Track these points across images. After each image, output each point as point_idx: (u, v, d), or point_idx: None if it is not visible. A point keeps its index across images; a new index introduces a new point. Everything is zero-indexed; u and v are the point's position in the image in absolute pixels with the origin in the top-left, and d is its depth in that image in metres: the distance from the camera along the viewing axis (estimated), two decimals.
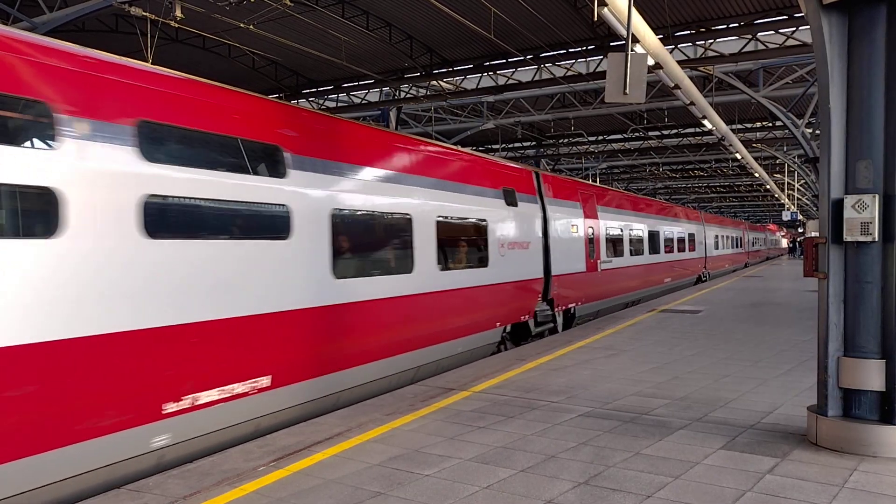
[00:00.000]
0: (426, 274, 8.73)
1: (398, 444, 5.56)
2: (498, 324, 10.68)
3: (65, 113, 4.67)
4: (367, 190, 7.79)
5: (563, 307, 13.33)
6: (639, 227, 19.39)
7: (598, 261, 15.45)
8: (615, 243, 17.02)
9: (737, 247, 41.80)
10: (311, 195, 6.91)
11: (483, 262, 10.22)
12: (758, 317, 13.98)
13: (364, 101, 24.83)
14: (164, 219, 5.30)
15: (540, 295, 12.22)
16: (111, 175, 4.91)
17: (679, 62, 17.26)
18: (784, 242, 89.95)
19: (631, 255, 18.32)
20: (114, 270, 4.90)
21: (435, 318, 8.95)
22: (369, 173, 7.91)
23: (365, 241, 7.83)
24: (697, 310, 15.40)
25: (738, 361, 9.00)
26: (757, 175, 36.18)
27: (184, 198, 5.49)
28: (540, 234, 12.24)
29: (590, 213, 15.19)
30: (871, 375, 5.12)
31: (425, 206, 8.80)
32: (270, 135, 6.56)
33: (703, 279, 29.48)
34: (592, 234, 15.26)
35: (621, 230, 17.67)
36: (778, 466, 4.88)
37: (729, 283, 24.80)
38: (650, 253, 20.51)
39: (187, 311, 5.41)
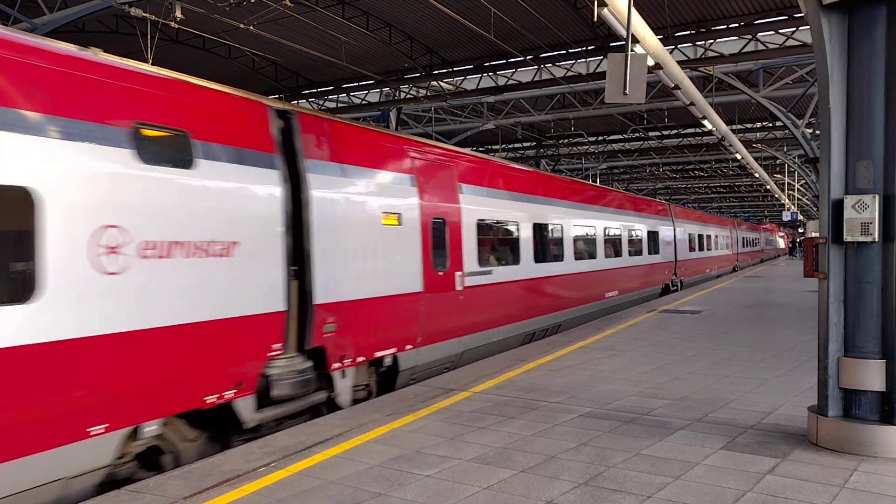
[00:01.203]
0: None
1: (398, 444, 5.56)
2: (95, 430, 4.98)
3: None
4: None
5: (360, 359, 7.74)
6: (556, 221, 13.53)
7: (458, 273, 9.79)
8: (502, 245, 11.34)
9: (723, 248, 35.52)
10: None
11: (17, 293, 4.53)
12: (758, 317, 13.98)
13: (364, 102, 24.85)
14: None
15: (279, 344, 6.59)
16: None
17: (679, 62, 17.27)
18: (781, 243, 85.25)
19: (536, 261, 12.47)
20: None
21: None
22: None
23: None
24: (698, 310, 15.40)
25: (739, 362, 8.99)
26: (757, 175, 36.19)
27: None
28: (279, 225, 6.59)
29: (437, 194, 9.45)
30: (871, 376, 5.11)
31: None
32: None
33: (673, 288, 23.60)
34: (442, 228, 9.52)
35: (517, 224, 11.86)
36: (778, 467, 4.88)
37: (729, 284, 24.79)
38: (579, 257, 14.61)
39: None
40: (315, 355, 7.14)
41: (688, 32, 16.71)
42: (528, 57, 18.66)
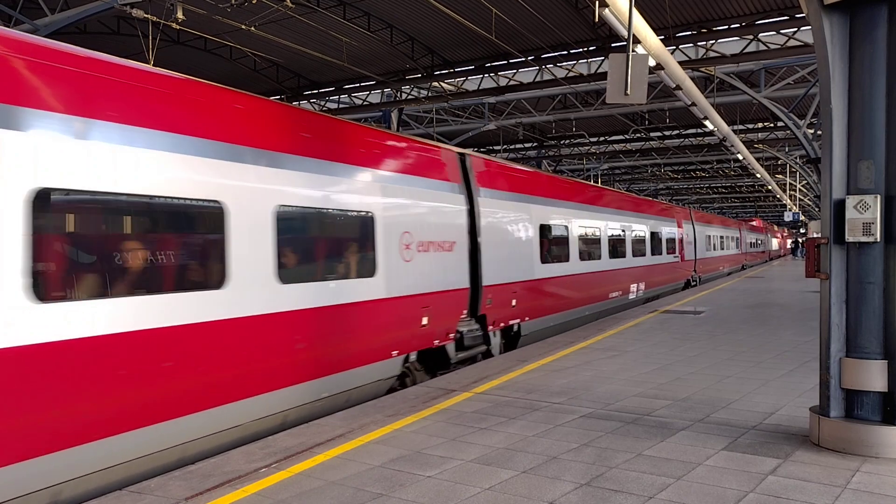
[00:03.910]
0: None
1: (400, 445, 5.56)
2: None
3: None
4: None
5: None
6: None
7: None
8: None
9: (661, 253, 21.45)
10: None
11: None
12: (760, 317, 13.97)
13: (366, 103, 24.88)
14: None
15: None
16: None
17: (680, 63, 17.28)
18: (776, 243, 73.17)
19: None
20: None
21: None
22: None
23: None
24: (699, 311, 15.39)
25: (741, 362, 8.98)
26: (759, 176, 36.17)
27: None
28: None
29: None
30: (873, 376, 5.10)
31: None
32: None
33: (457, 360, 9.68)
34: None
35: None
36: (780, 467, 4.88)
37: (731, 284, 24.77)
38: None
39: None
40: None
41: (689, 33, 16.72)
42: (530, 58, 18.67)
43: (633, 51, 7.60)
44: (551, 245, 13.19)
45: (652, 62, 12.48)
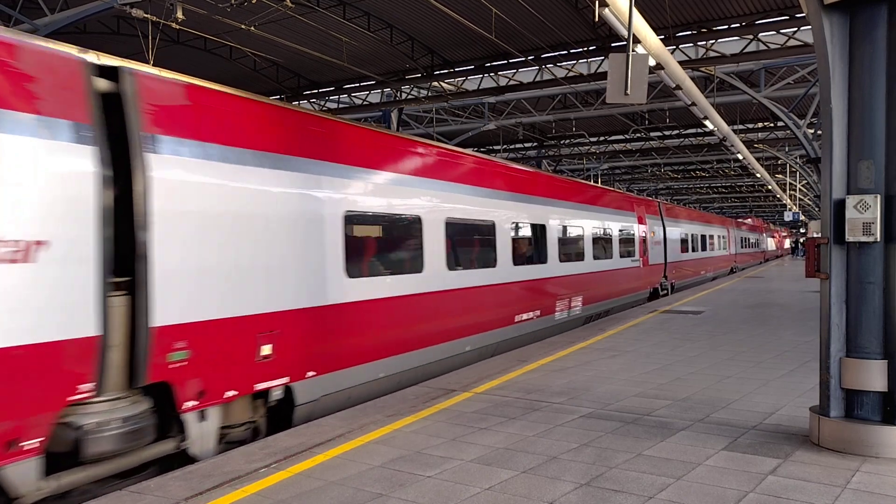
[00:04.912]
0: None
1: (400, 445, 5.56)
2: None
3: None
4: None
5: None
6: None
7: None
8: None
9: (606, 255, 16.04)
10: None
11: None
12: (760, 317, 13.97)
13: (365, 103, 24.88)
14: None
15: None
16: None
17: (680, 63, 17.29)
18: (772, 243, 68.86)
19: None
20: None
21: None
22: None
23: None
24: (699, 311, 15.38)
25: (741, 362, 8.98)
26: (759, 176, 36.18)
27: None
28: None
29: None
30: (873, 376, 5.10)
31: None
32: None
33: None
34: None
35: None
36: (780, 467, 4.87)
37: (731, 284, 24.76)
38: None
39: None
40: None
41: (689, 32, 16.72)
42: (530, 57, 18.67)
43: (633, 51, 7.60)
44: (381, 245, 8.30)
45: (652, 62, 12.48)
